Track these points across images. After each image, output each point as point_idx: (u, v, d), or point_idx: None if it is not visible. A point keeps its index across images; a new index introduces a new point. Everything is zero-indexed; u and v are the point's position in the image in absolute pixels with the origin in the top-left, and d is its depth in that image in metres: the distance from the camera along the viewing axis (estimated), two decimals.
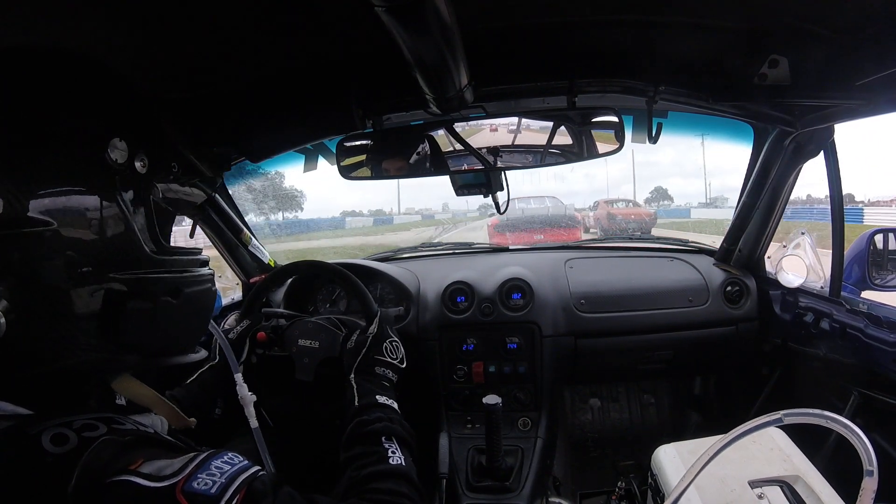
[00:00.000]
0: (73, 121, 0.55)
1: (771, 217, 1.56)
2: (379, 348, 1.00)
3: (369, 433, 0.80)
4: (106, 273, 0.55)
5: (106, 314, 0.55)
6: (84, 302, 0.53)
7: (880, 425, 1.23)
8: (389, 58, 0.81)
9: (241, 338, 1.22)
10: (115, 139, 0.56)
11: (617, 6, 0.92)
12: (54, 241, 0.51)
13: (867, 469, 0.63)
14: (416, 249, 2.27)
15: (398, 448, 0.78)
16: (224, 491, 0.52)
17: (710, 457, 0.68)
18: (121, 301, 0.56)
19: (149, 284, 0.59)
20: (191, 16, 0.78)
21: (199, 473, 0.53)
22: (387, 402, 0.89)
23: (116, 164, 0.56)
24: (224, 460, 0.57)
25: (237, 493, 0.53)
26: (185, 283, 0.64)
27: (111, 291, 0.55)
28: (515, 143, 1.18)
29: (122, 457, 0.52)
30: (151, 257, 0.60)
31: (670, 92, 1.10)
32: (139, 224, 0.59)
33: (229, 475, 0.54)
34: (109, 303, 0.55)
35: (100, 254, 0.54)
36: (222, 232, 1.70)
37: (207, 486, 0.52)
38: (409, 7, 0.60)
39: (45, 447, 0.50)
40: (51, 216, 0.50)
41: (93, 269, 0.53)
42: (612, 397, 2.19)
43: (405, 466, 0.76)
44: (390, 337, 1.05)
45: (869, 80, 0.93)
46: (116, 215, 0.56)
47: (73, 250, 0.52)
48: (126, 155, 0.57)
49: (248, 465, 0.58)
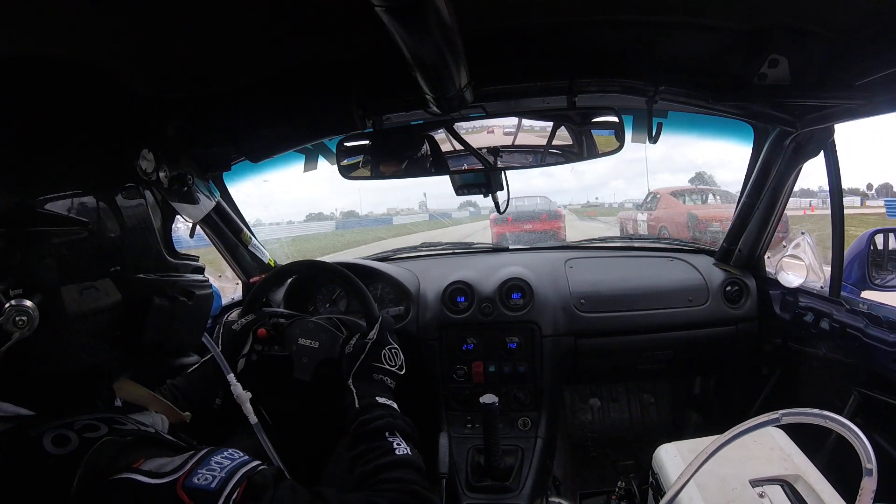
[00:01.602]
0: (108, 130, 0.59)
1: (771, 217, 1.56)
2: (378, 355, 1.00)
3: (373, 430, 0.81)
4: (133, 273, 0.58)
5: (132, 311, 0.58)
6: (112, 299, 0.56)
7: (880, 425, 1.24)
8: (389, 58, 0.81)
9: (244, 330, 1.22)
10: (144, 150, 0.60)
11: (617, 6, 0.91)
12: (89, 240, 0.53)
13: (866, 468, 0.63)
14: (416, 249, 2.27)
15: (402, 441, 0.79)
16: (224, 485, 0.53)
17: (707, 456, 0.68)
18: (148, 298, 0.59)
19: (168, 286, 0.62)
20: (191, 16, 0.78)
21: (199, 469, 0.53)
22: (387, 402, 0.90)
23: (144, 174, 0.60)
24: (224, 455, 0.57)
25: (237, 486, 0.53)
26: (195, 286, 0.68)
27: (138, 289, 0.58)
28: (515, 143, 1.18)
29: (123, 456, 0.52)
30: (168, 261, 0.64)
31: (670, 92, 1.10)
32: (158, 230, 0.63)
33: (229, 469, 0.55)
34: (136, 300, 0.58)
35: (127, 255, 0.57)
36: (222, 232, 1.71)
37: (207, 480, 0.52)
38: (409, 7, 0.60)
39: (46, 448, 0.50)
40: (86, 217, 0.53)
41: (121, 269, 0.56)
42: (612, 397, 2.19)
43: (412, 455, 0.77)
44: (390, 343, 1.04)
45: (869, 79, 0.93)
46: (143, 221, 0.60)
47: (105, 250, 0.55)
48: (153, 165, 0.61)
49: (248, 460, 0.58)
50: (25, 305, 0.49)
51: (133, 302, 0.58)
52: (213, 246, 1.77)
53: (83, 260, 0.53)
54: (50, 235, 0.51)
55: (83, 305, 0.54)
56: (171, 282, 0.63)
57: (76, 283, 0.53)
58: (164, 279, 0.62)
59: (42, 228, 0.51)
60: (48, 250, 0.51)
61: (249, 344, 1.22)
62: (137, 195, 0.60)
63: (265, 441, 1.01)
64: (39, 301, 0.50)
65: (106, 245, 0.55)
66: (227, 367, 1.01)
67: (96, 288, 0.54)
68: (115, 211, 0.56)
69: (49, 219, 0.51)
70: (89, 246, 0.54)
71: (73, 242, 0.52)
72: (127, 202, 0.58)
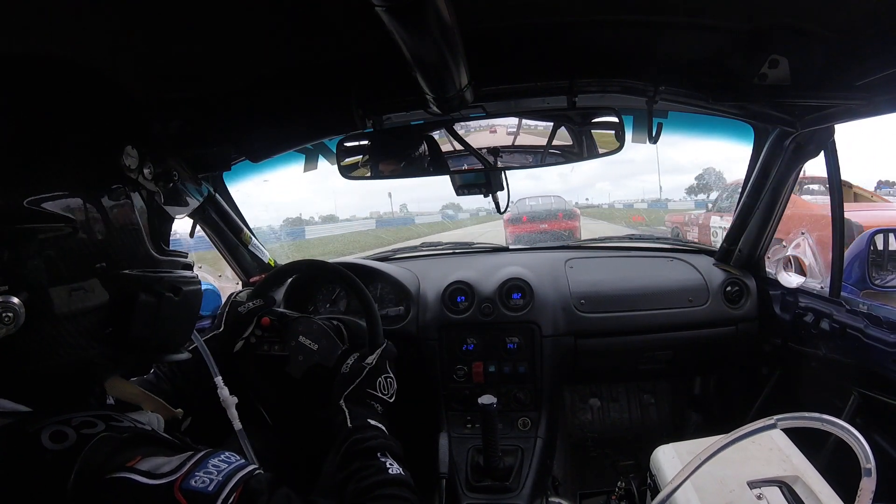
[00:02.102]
0: (93, 128, 0.59)
1: (771, 217, 1.56)
2: (372, 382, 0.98)
3: (366, 449, 0.81)
4: (118, 269, 0.58)
5: (118, 307, 0.58)
6: (98, 295, 0.57)
7: (880, 425, 1.23)
8: (389, 58, 0.81)
9: (250, 314, 1.20)
10: (128, 147, 0.60)
11: (617, 6, 0.92)
12: (73, 237, 0.54)
13: (865, 469, 0.63)
14: (416, 249, 2.27)
15: (395, 462, 0.80)
16: (221, 489, 0.53)
17: (701, 461, 0.68)
18: (133, 294, 0.59)
19: (154, 282, 0.63)
20: (192, 16, 0.78)
21: (196, 472, 0.53)
22: (378, 424, 0.90)
23: (128, 170, 0.61)
24: (221, 458, 0.57)
25: (234, 490, 0.54)
26: (182, 282, 0.68)
27: (124, 285, 0.59)
28: (515, 143, 1.18)
29: (120, 453, 0.52)
30: (154, 257, 0.64)
31: (670, 92, 1.10)
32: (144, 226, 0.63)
33: (226, 473, 0.55)
34: (122, 295, 0.58)
35: (113, 251, 0.58)
36: (222, 232, 1.71)
37: (205, 483, 0.53)
38: (409, 7, 0.60)
39: (44, 444, 0.50)
40: (71, 215, 0.54)
41: (107, 265, 0.57)
42: (612, 397, 2.19)
43: (405, 475, 0.78)
44: (387, 373, 1.03)
45: (869, 80, 0.93)
46: (128, 217, 0.60)
47: (90, 247, 0.55)
48: (137, 162, 0.62)
49: (245, 464, 0.59)
50: (12, 302, 0.50)
51: (119, 298, 0.58)
52: (213, 246, 1.77)
53: (69, 257, 0.54)
54: (36, 233, 0.52)
55: (71, 302, 0.54)
56: (157, 278, 0.63)
57: (63, 279, 0.54)
58: (150, 275, 0.63)
59: (28, 226, 0.51)
60: (34, 248, 0.52)
61: (251, 329, 1.21)
62: (122, 192, 0.60)
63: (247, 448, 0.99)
64: (26, 298, 0.51)
65: (92, 241, 0.56)
66: (215, 370, 1.00)
67: (83, 285, 0.55)
68: (99, 208, 0.57)
69: (35, 216, 0.51)
70: (75, 243, 0.54)
71: (59, 239, 0.53)
72: (111, 199, 0.58)
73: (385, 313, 1.71)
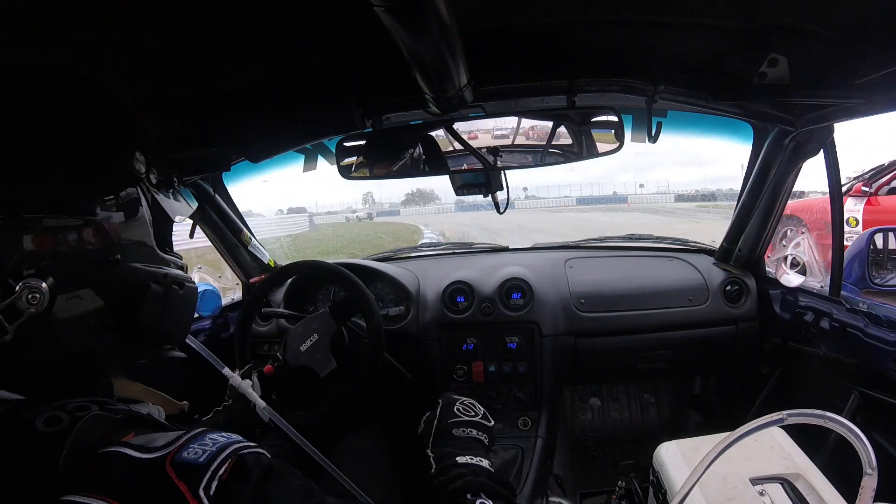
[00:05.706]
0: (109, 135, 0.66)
1: (771, 216, 1.56)
2: (450, 413, 0.93)
3: (450, 493, 0.73)
4: (131, 262, 0.63)
5: (129, 294, 0.63)
6: (112, 284, 0.61)
7: (880, 424, 1.24)
8: (389, 58, 0.81)
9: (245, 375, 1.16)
10: (137, 153, 0.67)
11: (617, 6, 0.92)
12: (94, 231, 0.59)
13: (867, 470, 0.63)
14: (416, 249, 2.27)
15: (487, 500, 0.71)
16: (213, 459, 0.49)
17: (714, 457, 0.68)
18: (145, 283, 0.64)
19: (161, 276, 0.68)
20: (191, 16, 0.78)
21: (191, 444, 0.51)
22: (470, 460, 0.81)
23: (139, 174, 0.67)
24: (221, 434, 0.54)
25: (226, 461, 0.50)
26: (184, 280, 0.73)
27: (136, 276, 0.64)
28: (515, 142, 1.18)
29: (114, 431, 0.52)
30: (159, 255, 0.69)
31: (670, 91, 1.10)
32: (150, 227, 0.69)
33: (221, 445, 0.52)
34: (135, 286, 0.63)
35: (126, 246, 0.63)
36: (222, 232, 1.71)
37: (197, 454, 0.49)
38: (409, 7, 0.60)
39: (38, 428, 0.50)
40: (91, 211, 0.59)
41: (121, 258, 0.62)
42: (612, 397, 2.19)
43: None
44: (459, 399, 0.97)
45: (868, 78, 0.93)
46: (139, 216, 0.65)
47: (108, 240, 0.60)
48: (144, 167, 0.68)
49: (246, 441, 0.55)
50: (40, 285, 0.53)
51: (130, 287, 0.63)
52: (213, 246, 1.77)
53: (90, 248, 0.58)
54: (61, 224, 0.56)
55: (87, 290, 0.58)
56: (163, 273, 0.68)
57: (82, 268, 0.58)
58: (158, 270, 0.68)
59: (55, 218, 0.56)
60: (60, 238, 0.56)
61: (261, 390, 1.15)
62: (135, 193, 0.65)
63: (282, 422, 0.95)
64: (52, 283, 0.54)
65: (109, 235, 0.61)
66: (219, 363, 0.99)
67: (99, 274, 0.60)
68: (117, 206, 0.62)
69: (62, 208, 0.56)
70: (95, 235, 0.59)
71: (81, 231, 0.58)
72: (127, 199, 0.63)
73: (385, 313, 1.71)
